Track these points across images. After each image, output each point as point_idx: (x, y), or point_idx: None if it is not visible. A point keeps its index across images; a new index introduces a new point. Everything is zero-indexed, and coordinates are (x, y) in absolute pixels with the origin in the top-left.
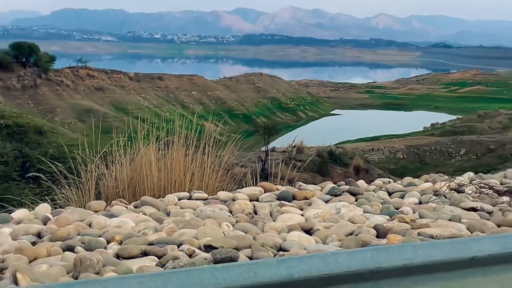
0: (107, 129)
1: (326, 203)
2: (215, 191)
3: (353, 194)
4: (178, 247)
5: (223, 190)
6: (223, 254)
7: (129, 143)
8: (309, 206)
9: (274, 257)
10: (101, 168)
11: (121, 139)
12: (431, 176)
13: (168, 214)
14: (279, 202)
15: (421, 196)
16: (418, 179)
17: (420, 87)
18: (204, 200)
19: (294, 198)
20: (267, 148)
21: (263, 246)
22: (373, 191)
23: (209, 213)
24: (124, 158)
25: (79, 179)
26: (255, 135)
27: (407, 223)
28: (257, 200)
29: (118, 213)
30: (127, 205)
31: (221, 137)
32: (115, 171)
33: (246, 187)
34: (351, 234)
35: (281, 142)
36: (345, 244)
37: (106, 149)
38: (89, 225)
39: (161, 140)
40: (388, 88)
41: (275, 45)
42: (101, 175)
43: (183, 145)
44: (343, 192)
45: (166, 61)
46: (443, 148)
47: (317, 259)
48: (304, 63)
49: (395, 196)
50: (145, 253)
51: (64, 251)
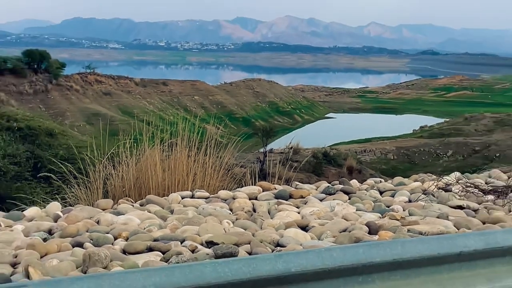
0: (114, 131)
1: (321, 201)
2: (216, 190)
3: (347, 193)
4: (181, 243)
5: (223, 189)
6: (224, 249)
7: (135, 145)
8: (305, 204)
9: (272, 252)
10: (108, 168)
11: (128, 141)
12: (420, 176)
13: (172, 212)
14: (277, 200)
15: (411, 194)
16: (407, 179)
17: (409, 92)
18: (205, 198)
19: (291, 196)
20: (265, 149)
21: (261, 242)
22: (365, 190)
23: (210, 211)
24: (130, 159)
25: (87, 179)
26: (254, 137)
27: (398, 220)
28: (256, 198)
29: (124, 211)
30: (133, 203)
31: (222, 139)
32: (122, 171)
33: (245, 186)
34: (344, 230)
35: (279, 144)
36: (339, 240)
37: (113, 150)
38: (97, 222)
39: (165, 142)
40: (379, 93)
41: (272, 52)
42: (109, 175)
43: (186, 147)
44: (337, 191)
45: (170, 68)
46: (431, 149)
47: (312, 254)
48: (300, 69)
49: (386, 194)
50: (150, 249)
51: (73, 247)
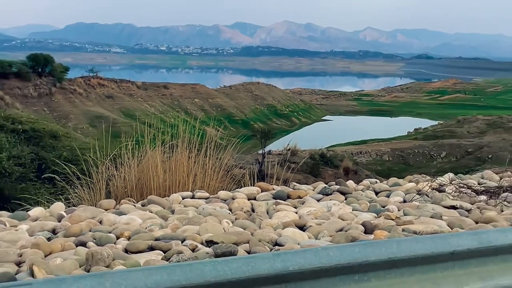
0: (116, 133)
1: (318, 201)
2: (216, 190)
3: (343, 193)
4: (182, 242)
5: (223, 189)
6: (223, 248)
7: (137, 146)
8: (303, 204)
9: (270, 251)
10: (111, 169)
11: (130, 143)
12: (415, 176)
13: (172, 212)
14: (275, 200)
15: (405, 195)
16: (402, 180)
17: (404, 95)
18: (205, 199)
19: (288, 197)
20: (264, 151)
21: (260, 241)
22: (361, 191)
23: (210, 211)
24: (132, 160)
25: (90, 179)
26: (253, 139)
27: (393, 220)
28: (255, 199)
29: (126, 211)
30: (135, 203)
31: (221, 141)
32: (124, 173)
33: (244, 187)
34: (341, 230)
35: (277, 145)
36: (336, 239)
37: (115, 152)
38: (100, 222)
39: (166, 143)
40: (375, 96)
41: (271, 57)
42: (111, 176)
43: (186, 149)
44: (333, 191)
45: (170, 71)
46: (425, 151)
47: (310, 253)
48: (297, 73)
49: (382, 195)
50: (152, 248)
51: (77, 246)
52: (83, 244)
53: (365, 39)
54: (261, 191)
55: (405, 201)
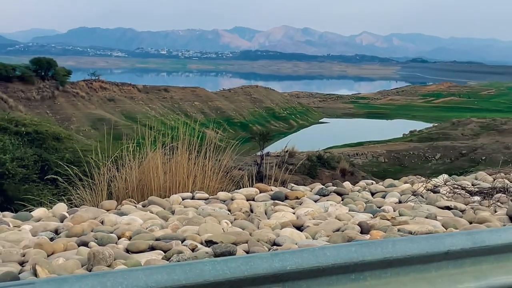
0: (118, 136)
1: (315, 202)
2: (215, 191)
3: (340, 194)
4: (182, 242)
5: (222, 190)
6: (223, 248)
7: (138, 148)
8: (300, 205)
9: (268, 251)
10: (112, 171)
11: (131, 145)
12: (410, 178)
13: (173, 212)
14: (273, 201)
15: (401, 196)
16: (398, 181)
17: (399, 98)
18: (205, 199)
19: (286, 198)
20: (262, 153)
21: (258, 241)
22: (357, 192)
23: (210, 211)
24: (133, 162)
25: (92, 181)
26: (251, 141)
27: (388, 220)
28: (253, 199)
29: (128, 211)
30: (136, 204)
31: (221, 143)
32: (125, 174)
33: (243, 188)
34: (337, 230)
35: (275, 147)
36: (333, 239)
37: (117, 154)
38: (102, 223)
39: (167, 145)
40: (371, 99)
41: (269, 60)
42: (113, 178)
43: (186, 150)
44: (330, 192)
45: (171, 75)
46: (420, 152)
47: (307, 253)
48: (295, 76)
49: (377, 196)
50: (152, 248)
51: (79, 246)
52: (85, 244)
53: (362, 44)
54: (260, 192)
55: (400, 202)
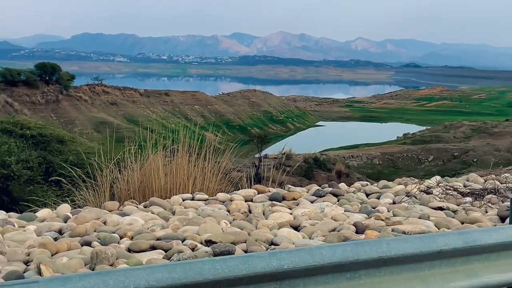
0: (120, 138)
1: (311, 203)
2: (215, 192)
3: (335, 195)
4: (182, 242)
5: (221, 192)
6: (222, 248)
7: (139, 151)
8: (297, 206)
9: (266, 250)
10: (114, 172)
11: (132, 147)
12: (403, 179)
13: (173, 213)
14: (271, 202)
15: (395, 197)
16: (392, 182)
17: (393, 102)
18: (205, 200)
19: (284, 198)
20: (260, 155)
21: (256, 241)
22: (352, 193)
23: (209, 212)
24: (135, 164)
25: (95, 182)
26: (250, 144)
27: (383, 220)
28: (252, 200)
29: (129, 212)
30: (138, 205)
31: (220, 145)
32: (127, 176)
33: (242, 189)
34: (333, 230)
35: (273, 150)
36: (329, 239)
37: (119, 156)
38: (104, 223)
39: (167, 148)
40: (365, 102)
41: (267, 65)
42: (115, 179)
43: (186, 153)
44: (326, 193)
45: (171, 79)
46: (413, 155)
47: (304, 252)
48: (292, 81)
49: (372, 197)
50: (153, 247)
51: (82, 246)
52: (88, 243)
53: (357, 49)
54: (258, 193)
55: (394, 203)
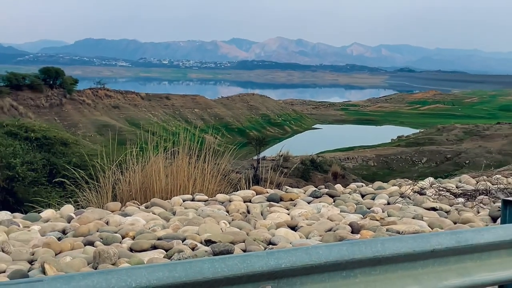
0: (122, 141)
1: (308, 203)
2: (214, 193)
3: (332, 196)
4: (182, 242)
5: (221, 193)
6: (221, 247)
7: (141, 153)
8: (294, 206)
9: (264, 250)
10: (117, 174)
11: (134, 149)
12: (398, 180)
13: (174, 213)
14: (269, 203)
15: (389, 197)
16: (386, 184)
17: (388, 105)
18: (204, 201)
19: (281, 199)
20: (259, 157)
21: (255, 240)
22: (348, 194)
23: (209, 212)
24: (136, 165)
25: (98, 183)
26: (248, 146)
27: (377, 220)
28: (250, 201)
29: (131, 212)
30: (139, 206)
31: (219, 147)
32: (129, 177)
33: (240, 190)
34: (330, 230)
35: (270, 152)
36: (325, 238)
37: (121, 158)
38: (107, 223)
39: (168, 150)
40: (361, 106)
41: (265, 70)
42: (117, 180)
43: (187, 155)
44: (323, 194)
45: (172, 83)
46: (407, 157)
47: (301, 251)
48: (289, 85)
49: (367, 197)
50: (155, 247)
51: (85, 245)
52: (91, 243)
53: (352, 54)
54: (256, 194)
55: (389, 203)
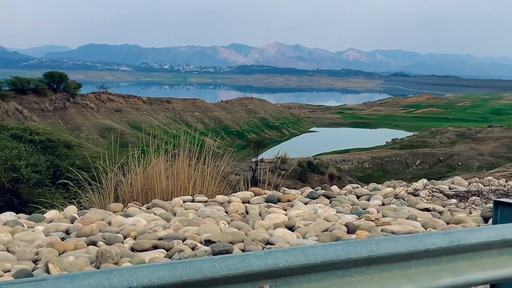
0: (124, 144)
1: (305, 204)
2: (214, 195)
3: (328, 197)
4: (183, 242)
5: (220, 194)
6: (220, 247)
7: (142, 155)
8: (292, 207)
9: (262, 249)
10: (119, 176)
11: (136, 152)
12: (392, 182)
13: (174, 214)
14: (267, 204)
15: (384, 198)
16: (381, 185)
17: (383, 109)
18: (204, 202)
19: (279, 200)
20: (257, 159)
21: (253, 240)
22: (344, 195)
23: (208, 213)
24: (138, 167)
25: (100, 185)
26: (247, 149)
27: (372, 221)
28: (249, 202)
29: (133, 213)
30: (141, 206)
31: (219, 150)
32: (131, 179)
33: (239, 191)
34: (326, 230)
35: (268, 154)
36: (321, 238)
37: (123, 160)
38: (109, 224)
39: (169, 152)
40: (356, 109)
41: (263, 74)
42: (119, 182)
43: (187, 157)
44: (319, 195)
45: (173, 88)
46: (402, 159)
47: (298, 251)
48: (287, 89)
49: (363, 199)
50: (156, 247)
51: (88, 245)
52: (94, 243)
53: (348, 59)
54: (254, 195)
55: (383, 204)
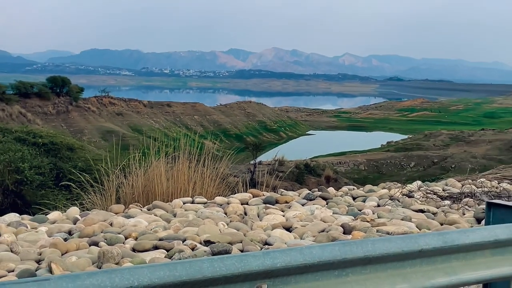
0: (125, 146)
1: (302, 206)
2: (213, 196)
3: (325, 198)
4: (183, 242)
5: (219, 195)
6: (220, 247)
7: (143, 157)
8: (289, 208)
9: (260, 250)
10: (120, 178)
11: (137, 154)
12: (387, 184)
13: (174, 215)
14: (265, 205)
15: (379, 200)
16: (376, 187)
17: (378, 112)
18: (204, 203)
19: (277, 202)
20: (255, 161)
21: (252, 241)
22: (340, 196)
23: (208, 214)
24: (139, 170)
25: (102, 187)
26: (245, 151)
27: (368, 222)
28: (247, 203)
29: (134, 214)
30: (142, 208)
31: (218, 152)
32: (132, 181)
33: (238, 193)
34: (323, 231)
35: (266, 157)
36: (318, 239)
37: (124, 162)
38: (111, 224)
39: (169, 155)
40: (352, 113)
41: (261, 79)
42: (121, 184)
43: (187, 159)
44: (316, 197)
45: (173, 92)
46: (396, 161)
47: (295, 251)
48: (285, 93)
49: (358, 200)
50: (156, 247)
51: (90, 246)
52: (96, 244)
53: (344, 64)
54: (253, 197)
55: (379, 206)
